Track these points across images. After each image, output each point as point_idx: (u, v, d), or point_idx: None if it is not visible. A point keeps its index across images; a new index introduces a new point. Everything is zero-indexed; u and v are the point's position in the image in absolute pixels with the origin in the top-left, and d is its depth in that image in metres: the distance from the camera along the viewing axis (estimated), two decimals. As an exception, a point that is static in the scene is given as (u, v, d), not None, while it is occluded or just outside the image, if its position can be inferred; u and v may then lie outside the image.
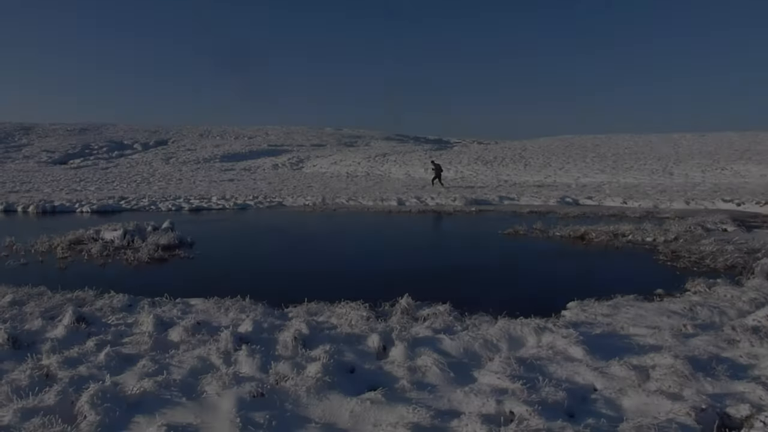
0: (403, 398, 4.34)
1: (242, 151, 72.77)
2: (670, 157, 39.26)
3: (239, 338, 5.57)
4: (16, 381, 4.63)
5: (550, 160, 42.04)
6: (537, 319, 6.18)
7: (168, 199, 23.87)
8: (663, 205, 20.06)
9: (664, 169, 34.21)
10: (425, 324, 6.29)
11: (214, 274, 10.08)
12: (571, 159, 42.01)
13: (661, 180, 30.79)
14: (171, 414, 4.11)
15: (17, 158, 66.21)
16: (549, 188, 27.31)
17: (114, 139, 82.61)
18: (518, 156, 46.36)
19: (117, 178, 41.16)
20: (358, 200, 23.33)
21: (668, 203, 20.22)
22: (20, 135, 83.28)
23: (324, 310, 7.05)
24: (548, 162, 41.26)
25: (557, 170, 36.92)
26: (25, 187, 32.18)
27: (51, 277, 9.62)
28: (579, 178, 33.28)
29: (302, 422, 4.04)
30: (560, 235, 13.33)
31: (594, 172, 34.82)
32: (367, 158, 53.55)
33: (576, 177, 33.64)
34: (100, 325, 6.37)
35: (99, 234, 13.13)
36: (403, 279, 9.33)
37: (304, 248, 12.70)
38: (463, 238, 13.90)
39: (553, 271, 10.03)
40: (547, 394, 4.30)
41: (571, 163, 40.01)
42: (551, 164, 40.02)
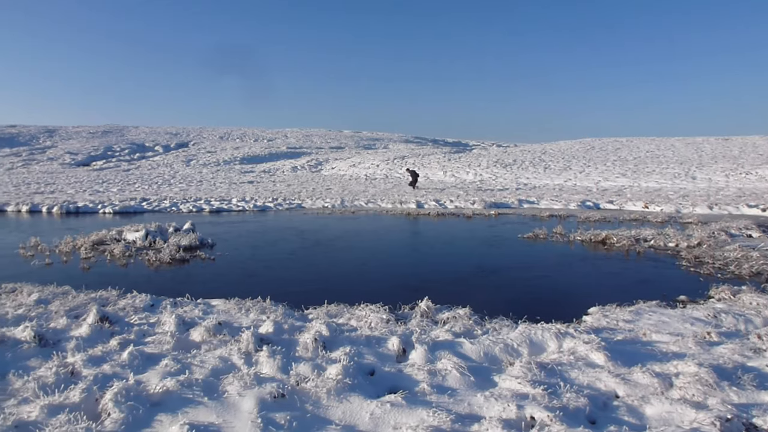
0: (423, 401, 4.34)
1: (262, 154, 73.17)
2: (692, 161, 38.80)
3: (260, 339, 5.60)
4: (42, 378, 4.71)
5: (570, 164, 41.74)
6: (558, 324, 6.15)
7: (189, 201, 24.08)
8: (685, 209, 19.82)
9: (687, 173, 33.81)
10: (445, 327, 6.28)
11: (235, 275, 10.14)
12: (592, 162, 41.67)
13: (683, 184, 30.43)
14: (193, 413, 4.14)
15: (42, 160, 67.17)
16: (569, 192, 27.10)
17: (135, 141, 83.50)
18: (538, 159, 46.08)
19: (138, 179, 41.57)
20: (376, 203, 23.35)
21: (691, 208, 19.97)
22: (44, 137, 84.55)
23: (344, 312, 7.08)
24: (568, 165, 40.96)
25: (577, 173, 36.62)
26: (50, 188, 32.63)
27: (75, 276, 9.76)
28: (600, 181, 32.99)
29: (322, 424, 4.05)
30: (581, 240, 13.24)
31: (615, 175, 34.49)
32: (386, 161, 53.54)
33: (597, 181, 33.36)
34: (123, 325, 6.45)
35: (121, 235, 13.30)
36: (422, 282, 9.34)
37: (323, 250, 12.73)
38: (482, 242, 13.83)
39: (574, 276, 9.95)
40: (569, 400, 4.27)
41: (591, 166, 39.69)
42: (571, 167, 39.72)
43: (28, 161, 65.72)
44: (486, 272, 10.23)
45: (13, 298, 7.78)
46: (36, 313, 6.96)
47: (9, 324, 6.46)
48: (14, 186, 34.14)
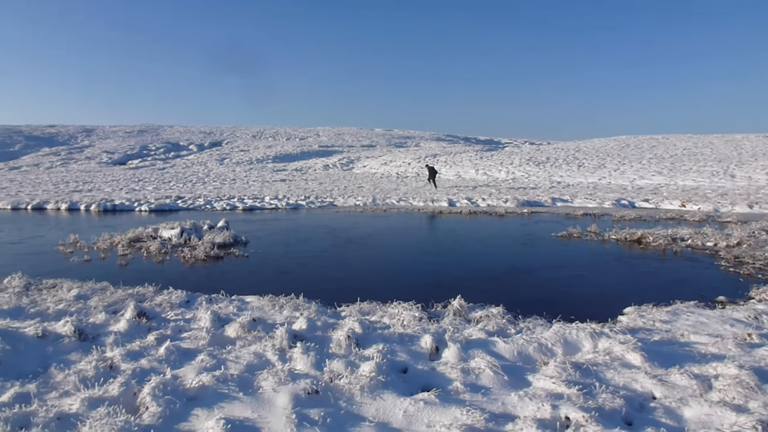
0: (456, 400, 4.33)
1: (294, 152, 73.66)
2: (731, 159, 37.93)
3: (294, 335, 5.64)
4: (82, 371, 4.82)
5: (604, 162, 41.17)
6: (593, 324, 6.08)
7: (222, 199, 24.38)
8: (724, 208, 19.41)
9: (726, 171, 33.07)
10: (478, 326, 6.25)
11: (268, 272, 10.23)
12: (627, 160, 41.03)
13: (722, 183, 29.78)
14: (229, 408, 4.20)
15: (80, 159, 68.62)
16: (604, 190, 26.74)
17: (170, 140, 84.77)
18: (572, 157, 45.56)
19: (173, 178, 42.20)
20: (408, 201, 23.35)
21: (730, 207, 19.54)
22: (82, 137, 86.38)
23: (376, 309, 7.09)
24: (603, 163, 40.41)
25: (612, 171, 36.11)
26: (87, 186, 33.32)
27: (112, 273, 9.95)
28: (635, 180, 32.48)
29: (356, 420, 4.07)
30: (616, 239, 13.06)
31: (651, 173, 33.91)
32: (418, 159, 53.46)
33: (632, 179, 32.85)
34: (159, 320, 6.56)
35: (157, 232, 13.52)
36: (454, 280, 9.31)
37: (355, 248, 12.77)
38: (514, 240, 13.73)
39: (609, 276, 9.82)
40: (604, 401, 4.22)
41: (626, 164, 39.08)
42: (606, 165, 39.17)
43: (67, 160, 67.22)
44: (519, 271, 10.15)
45: (53, 294, 7.97)
46: (76, 308, 7.12)
47: (50, 319, 6.63)
48: (53, 184, 34.95)
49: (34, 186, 34.04)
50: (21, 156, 71.00)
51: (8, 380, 4.74)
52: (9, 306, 7.19)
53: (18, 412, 4.03)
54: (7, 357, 5.08)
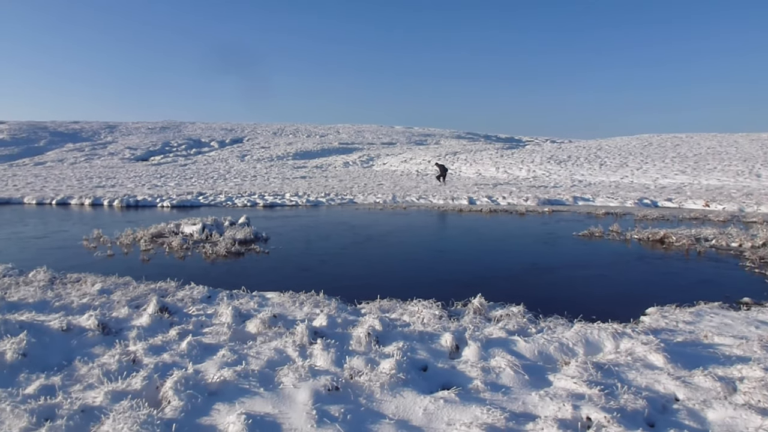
0: (477, 399, 4.32)
1: (314, 149, 73.91)
2: (757, 158, 37.33)
3: (314, 332, 5.66)
4: (106, 365, 4.88)
5: (627, 160, 40.78)
6: (615, 324, 6.02)
7: (243, 196, 24.54)
8: (749, 208, 19.13)
9: (751, 170, 32.58)
10: (498, 325, 6.22)
11: (289, 268, 10.28)
12: (650, 159, 40.60)
13: (747, 182, 29.34)
14: (249, 403, 4.22)
15: (103, 155, 69.44)
16: (626, 189, 26.49)
17: (192, 137, 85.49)
18: (593, 155, 45.18)
19: (195, 174, 42.56)
20: (428, 198, 23.31)
21: (755, 207, 19.26)
22: (106, 133, 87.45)
23: (396, 307, 7.10)
24: (625, 162, 40.04)
25: (634, 170, 35.77)
26: (110, 182, 33.73)
27: (135, 267, 10.07)
28: (658, 179, 32.14)
29: (376, 418, 4.07)
30: (638, 238, 12.93)
31: (674, 173, 33.53)
32: (438, 156, 53.34)
33: (654, 178, 32.51)
34: (181, 315, 6.63)
35: (179, 228, 13.64)
36: (474, 278, 9.29)
37: (375, 245, 12.79)
38: (535, 239, 13.65)
39: (631, 276, 9.72)
40: (626, 402, 4.18)
41: (649, 163, 38.69)
42: (628, 164, 38.81)
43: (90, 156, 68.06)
44: (540, 270, 10.09)
45: (78, 288, 8.09)
46: (99, 302, 7.21)
47: (74, 312, 6.72)
48: (77, 180, 35.42)
49: (59, 181, 34.53)
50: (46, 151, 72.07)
51: (34, 372, 4.81)
52: (34, 299, 7.31)
53: (43, 404, 4.09)
54: (33, 350, 5.16)
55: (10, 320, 5.71)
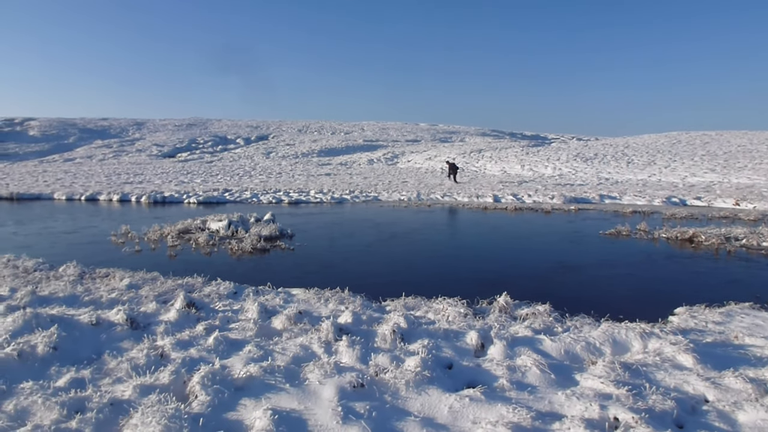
0: (502, 397, 4.29)
1: (339, 146, 74.04)
2: (789, 157, 36.59)
3: (339, 329, 5.68)
4: (134, 359, 4.95)
5: (654, 158, 40.20)
6: (642, 324, 5.95)
7: (268, 192, 24.68)
8: (781, 207, 18.77)
9: (783, 169, 31.93)
10: (524, 323, 6.19)
11: (314, 265, 10.32)
12: (678, 157, 39.98)
13: (778, 181, 28.77)
14: (275, 399, 4.25)
15: (131, 151, 70.35)
16: (654, 187, 26.14)
17: (218, 134, 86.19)
18: (621, 153, 44.62)
19: (221, 171, 42.92)
20: (452, 196, 23.23)
21: (787, 206, 18.89)
22: (133, 130, 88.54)
23: (421, 305, 7.09)
24: (653, 160, 39.47)
25: (662, 168, 35.26)
26: (138, 178, 34.14)
27: (162, 263, 10.19)
28: (686, 177, 31.65)
29: (401, 415, 4.08)
30: (666, 237, 12.76)
31: (703, 171, 32.99)
32: (462, 154, 53.14)
33: (683, 176, 32.02)
34: (208, 311, 6.69)
35: (205, 224, 13.78)
36: (499, 277, 9.24)
37: (400, 243, 12.79)
38: (561, 237, 13.53)
39: (659, 275, 9.59)
40: (654, 402, 4.12)
41: (677, 161, 38.10)
42: (656, 162, 38.26)
43: (119, 152, 68.99)
44: (566, 269, 10.00)
45: (106, 283, 8.21)
46: (127, 297, 7.32)
47: (103, 307, 6.82)
48: (106, 176, 35.91)
49: (88, 177, 35.04)
50: (75, 148, 73.20)
51: (64, 366, 4.89)
52: (65, 294, 7.43)
53: (74, 397, 4.15)
54: (63, 343, 5.25)
55: (41, 314, 5.81)
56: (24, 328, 5.54)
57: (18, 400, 4.12)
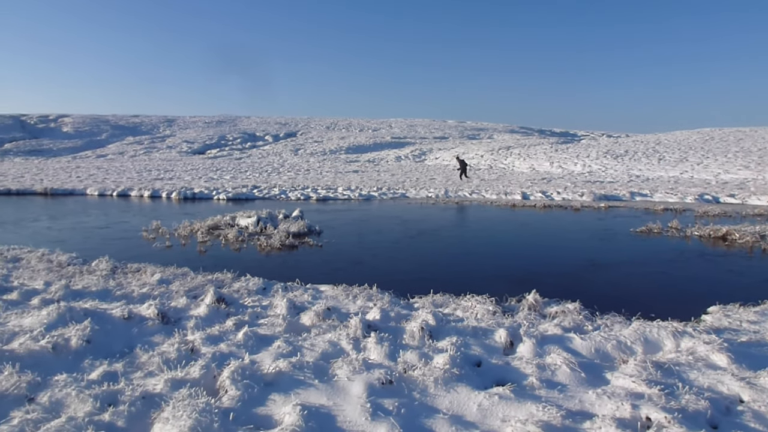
0: (532, 395, 4.26)
1: (366, 143, 74.18)
2: (826, 153, 35.72)
3: (367, 325, 5.69)
4: (165, 353, 5.01)
5: (687, 155, 39.55)
6: (674, 323, 5.84)
7: (297, 189, 24.82)
8: (818, 205, 18.31)
9: (820, 165, 31.18)
10: (554, 321, 6.13)
11: (342, 261, 10.35)
12: (711, 153, 39.27)
13: (816, 178, 28.09)
14: (304, 395, 4.27)
15: (161, 148, 71.30)
16: (686, 184, 25.71)
17: (247, 131, 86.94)
18: (652, 150, 43.97)
19: (250, 168, 43.30)
20: (480, 193, 23.12)
21: (824, 203, 18.43)
22: (164, 126, 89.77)
23: (449, 302, 7.07)
24: (685, 156, 38.84)
25: (695, 165, 34.67)
26: (168, 175, 34.60)
27: (192, 259, 10.31)
28: (719, 174, 31.07)
29: (430, 412, 4.06)
30: (699, 235, 12.53)
31: (737, 168, 32.35)
32: (490, 151, 52.88)
33: (716, 173, 31.44)
34: (237, 306, 6.75)
35: (235, 220, 13.90)
36: (528, 274, 9.18)
37: (427, 240, 12.76)
38: (591, 235, 13.37)
39: (691, 273, 9.43)
40: (688, 402, 4.05)
41: (710, 158, 37.42)
42: (688, 159, 37.63)
43: (150, 149, 69.97)
44: (596, 266, 9.89)
45: (138, 278, 8.34)
46: (158, 292, 7.43)
47: (135, 302, 6.93)
48: (137, 172, 36.46)
49: (119, 173, 35.62)
50: (107, 144, 74.46)
51: (97, 359, 4.98)
52: (97, 288, 7.57)
53: (106, 390, 4.22)
54: (96, 337, 5.34)
55: (74, 308, 5.93)
56: (58, 322, 5.65)
57: (52, 392, 4.20)
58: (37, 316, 5.83)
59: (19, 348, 4.94)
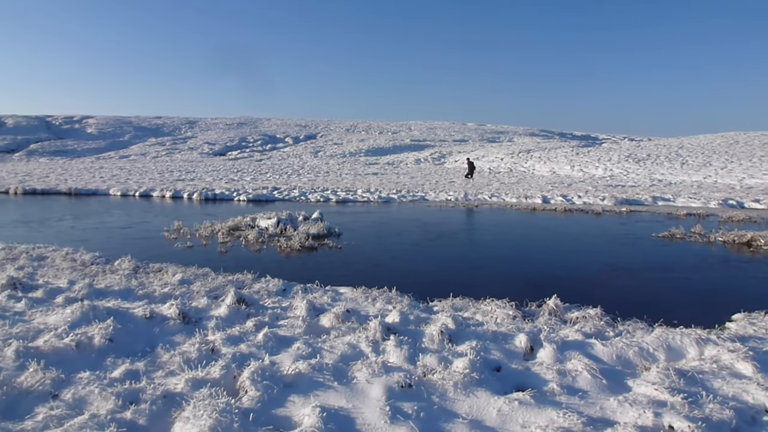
0: (552, 402, 4.22)
1: (386, 146, 74.19)
2: None
3: (387, 328, 5.68)
4: (186, 353, 5.05)
5: (710, 159, 39.03)
6: (698, 330, 5.76)
7: (316, 191, 24.90)
8: None
9: None
10: (575, 327, 6.08)
11: (361, 264, 10.36)
12: (735, 158, 38.71)
13: (843, 183, 27.57)
14: (324, 396, 4.27)
15: (183, 149, 71.94)
16: (709, 189, 25.37)
17: (268, 132, 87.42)
18: (674, 154, 43.47)
19: (270, 169, 43.52)
20: (500, 197, 23.01)
21: None
22: (186, 128, 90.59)
23: (469, 306, 7.04)
24: (708, 161, 38.33)
25: (719, 170, 34.20)
26: (190, 176, 34.91)
27: (213, 259, 10.38)
28: (744, 179, 30.62)
29: (449, 417, 4.05)
30: (722, 241, 12.36)
31: (762, 172, 31.85)
32: (510, 154, 52.63)
33: (740, 178, 30.99)
34: (257, 307, 6.78)
35: (255, 221, 13.99)
36: (548, 279, 9.11)
37: (447, 243, 12.72)
38: (612, 239, 13.25)
39: (715, 279, 9.30)
40: (712, 411, 3.99)
41: (735, 162, 36.89)
42: (712, 163, 37.13)
43: (171, 150, 70.63)
44: (617, 272, 9.79)
45: (159, 277, 8.41)
46: (180, 292, 7.48)
47: (156, 301, 6.99)
48: (159, 173, 36.82)
49: (142, 174, 36.00)
50: (130, 145, 75.28)
51: (119, 357, 5.03)
52: (119, 287, 7.65)
53: (128, 388, 4.26)
54: (118, 335, 5.40)
55: (98, 306, 6.00)
56: (82, 320, 5.72)
57: (76, 390, 4.25)
58: (61, 314, 5.92)
59: (44, 345, 5.01)
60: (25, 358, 4.71)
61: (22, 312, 6.29)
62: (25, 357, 4.73)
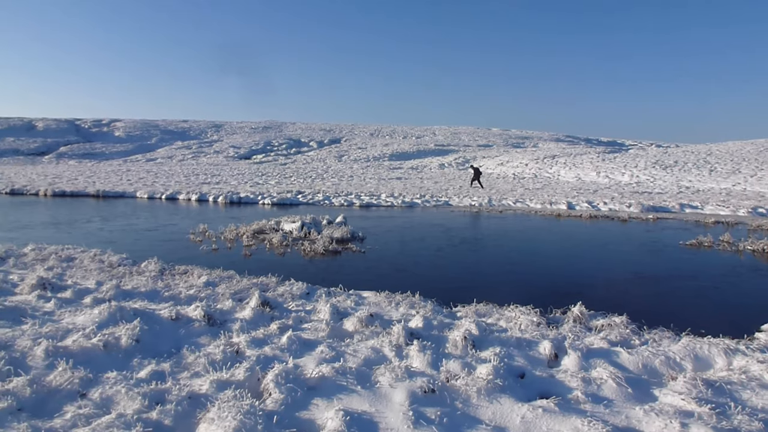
0: (576, 409, 4.19)
1: (410, 151, 74.18)
2: None
3: (410, 333, 5.68)
4: (211, 355, 5.09)
5: (739, 166, 38.40)
6: (726, 340, 5.67)
7: (340, 195, 24.97)
8: None
9: None
10: (600, 335, 6.03)
11: (384, 268, 10.36)
12: (766, 165, 38.04)
13: None
14: (347, 400, 4.28)
15: (209, 153, 72.66)
16: (738, 197, 24.96)
17: (292, 137, 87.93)
18: (702, 161, 42.85)
19: (294, 173, 43.77)
20: (525, 202, 22.87)
21: None
22: (212, 132, 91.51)
23: (493, 312, 7.02)
24: (738, 168, 37.71)
25: (748, 177, 33.63)
26: (215, 179, 35.24)
27: (237, 262, 10.46)
28: (774, 187, 30.08)
29: (472, 423, 4.03)
30: (752, 249, 12.16)
31: (793, 181, 31.27)
32: (535, 160, 52.28)
33: (771, 186, 30.44)
34: (282, 310, 6.82)
35: (279, 225, 14.08)
36: (573, 286, 9.03)
37: (470, 248, 12.68)
38: (638, 247, 13.09)
39: (743, 289, 9.15)
40: (740, 423, 3.93)
41: (765, 169, 36.23)
42: (741, 170, 36.53)
43: (197, 154, 71.38)
44: (643, 279, 9.68)
45: (185, 280, 8.50)
46: (205, 294, 7.56)
47: (182, 303, 7.07)
48: (185, 176, 37.22)
49: (168, 177, 36.43)
50: (157, 149, 76.25)
51: (146, 358, 5.09)
52: (146, 288, 7.75)
53: (154, 389, 4.31)
54: (145, 336, 5.47)
55: (125, 307, 6.08)
56: (109, 321, 5.80)
57: (103, 389, 4.32)
58: (89, 315, 6.01)
59: (73, 345, 5.10)
60: (54, 358, 4.79)
61: (52, 312, 6.41)
62: (54, 356, 4.81)
